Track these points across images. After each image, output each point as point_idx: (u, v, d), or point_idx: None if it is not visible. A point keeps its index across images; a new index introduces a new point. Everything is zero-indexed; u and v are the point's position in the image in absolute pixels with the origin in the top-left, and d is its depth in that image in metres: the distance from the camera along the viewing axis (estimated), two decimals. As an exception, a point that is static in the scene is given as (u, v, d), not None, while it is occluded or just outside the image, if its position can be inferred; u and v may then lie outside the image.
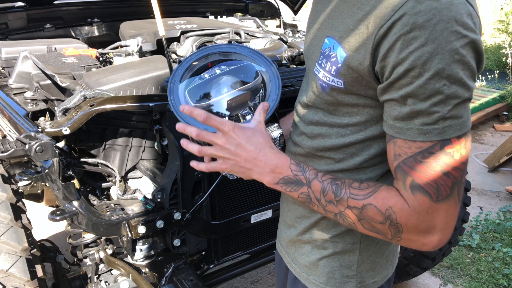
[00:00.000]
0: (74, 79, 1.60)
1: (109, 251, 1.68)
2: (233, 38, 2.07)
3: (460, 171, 0.73)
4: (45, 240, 1.79)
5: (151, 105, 1.42)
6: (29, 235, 1.41)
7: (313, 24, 0.95)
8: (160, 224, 1.49)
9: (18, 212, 1.42)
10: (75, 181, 1.42)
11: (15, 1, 2.31)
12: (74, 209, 1.38)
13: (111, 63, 1.83)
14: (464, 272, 2.82)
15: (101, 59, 1.86)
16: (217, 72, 0.99)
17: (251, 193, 1.72)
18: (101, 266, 1.69)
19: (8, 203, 1.39)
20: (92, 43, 2.34)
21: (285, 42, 2.09)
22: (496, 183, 4.05)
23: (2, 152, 1.27)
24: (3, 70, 1.89)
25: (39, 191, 1.99)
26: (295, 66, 1.87)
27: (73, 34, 2.45)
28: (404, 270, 2.44)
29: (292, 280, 1.08)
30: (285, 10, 2.94)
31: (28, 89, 1.69)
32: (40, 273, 1.40)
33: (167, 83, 0.98)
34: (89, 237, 1.66)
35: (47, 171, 1.35)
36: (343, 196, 0.82)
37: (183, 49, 2.01)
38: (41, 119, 1.47)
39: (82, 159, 1.61)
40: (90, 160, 1.62)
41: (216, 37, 2.07)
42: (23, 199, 1.53)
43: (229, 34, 2.08)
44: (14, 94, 1.67)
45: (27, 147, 1.23)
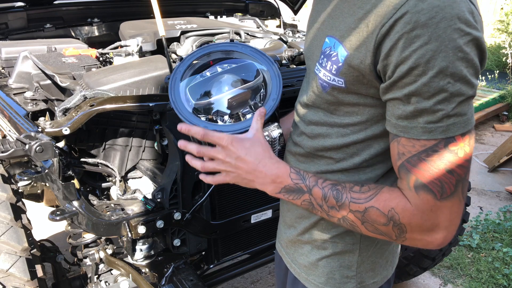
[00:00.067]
0: (74, 79, 1.60)
1: (109, 251, 1.68)
2: (233, 38, 2.07)
3: (464, 168, 0.73)
4: (45, 240, 1.79)
5: (151, 105, 1.42)
6: (29, 235, 1.41)
7: (313, 24, 0.95)
8: (160, 224, 1.49)
9: (18, 212, 1.42)
10: (75, 181, 1.42)
11: (15, 1, 2.31)
12: (74, 209, 1.38)
13: (111, 63, 1.83)
14: (464, 272, 2.82)
15: (101, 59, 1.85)
16: (218, 70, 0.99)
17: (251, 193, 1.71)
18: (101, 266, 1.69)
19: (8, 203, 1.39)
20: (92, 43, 2.33)
21: (285, 42, 2.09)
22: (496, 183, 4.05)
23: (2, 152, 1.27)
24: (3, 70, 1.89)
25: (39, 191, 1.99)
26: (295, 66, 1.87)
27: (73, 34, 2.45)
28: (404, 270, 2.44)
29: (292, 280, 1.08)
30: (285, 10, 2.94)
31: (28, 89, 1.69)
32: (40, 273, 1.40)
33: (168, 80, 0.98)
34: (89, 237, 1.65)
35: (47, 171, 1.35)
36: (345, 201, 0.82)
37: (183, 49, 2.01)
38: (41, 119, 1.47)
39: (82, 159, 1.61)
40: (90, 160, 1.62)
41: (216, 37, 2.07)
42: (23, 199, 1.52)
43: (229, 34, 2.08)
44: (14, 94, 1.66)
45: (27, 147, 1.23)
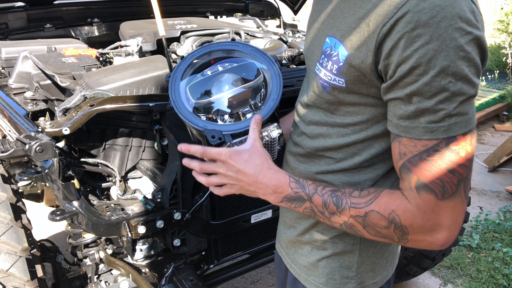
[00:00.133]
0: (74, 79, 1.60)
1: (109, 251, 1.68)
2: (233, 37, 2.07)
3: (466, 168, 0.73)
4: (45, 240, 1.79)
5: (151, 105, 1.42)
6: (29, 235, 1.41)
7: (313, 24, 0.95)
8: (160, 224, 1.49)
9: (18, 212, 1.42)
10: (75, 181, 1.42)
11: (15, 1, 2.31)
12: (74, 209, 1.38)
13: (111, 63, 1.83)
14: (464, 272, 2.82)
15: (101, 59, 1.85)
16: (219, 69, 0.99)
17: (251, 193, 1.71)
18: (101, 266, 1.69)
19: (8, 203, 1.39)
20: (92, 43, 2.33)
21: (285, 42, 2.09)
22: (496, 183, 4.04)
23: (2, 152, 1.27)
24: (3, 70, 1.89)
25: (39, 191, 1.98)
26: (295, 66, 1.87)
27: (73, 34, 2.44)
28: (404, 270, 2.44)
29: (292, 280, 1.08)
30: (285, 10, 2.94)
31: (28, 89, 1.69)
32: (40, 273, 1.40)
33: (168, 79, 0.97)
34: (89, 237, 1.65)
35: (47, 171, 1.34)
36: (345, 207, 0.82)
37: (183, 49, 2.01)
38: (41, 119, 1.47)
39: (82, 159, 1.61)
40: (90, 160, 1.62)
41: (216, 37, 2.07)
42: (23, 199, 1.52)
43: (229, 34, 2.08)
44: (14, 94, 1.66)
45: (27, 147, 1.23)
